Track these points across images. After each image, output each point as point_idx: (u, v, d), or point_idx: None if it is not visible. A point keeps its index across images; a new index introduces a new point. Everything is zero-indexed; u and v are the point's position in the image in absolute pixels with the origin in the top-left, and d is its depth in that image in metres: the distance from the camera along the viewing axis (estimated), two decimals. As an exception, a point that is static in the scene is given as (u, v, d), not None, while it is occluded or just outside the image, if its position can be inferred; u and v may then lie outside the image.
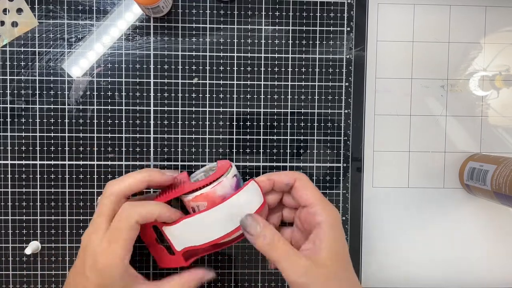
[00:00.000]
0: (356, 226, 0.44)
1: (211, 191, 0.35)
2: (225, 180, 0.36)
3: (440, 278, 0.45)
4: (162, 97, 0.43)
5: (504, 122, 0.45)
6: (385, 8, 0.44)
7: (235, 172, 0.37)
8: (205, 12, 0.42)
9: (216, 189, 0.35)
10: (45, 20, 0.42)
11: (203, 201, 0.35)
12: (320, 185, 0.44)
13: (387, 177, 0.45)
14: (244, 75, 0.43)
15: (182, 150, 0.43)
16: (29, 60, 0.42)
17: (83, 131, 0.42)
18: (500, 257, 0.45)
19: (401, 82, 0.44)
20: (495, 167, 0.39)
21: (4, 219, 0.42)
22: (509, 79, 0.45)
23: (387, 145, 0.44)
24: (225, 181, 0.36)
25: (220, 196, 0.35)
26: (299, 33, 0.43)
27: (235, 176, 0.37)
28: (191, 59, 0.43)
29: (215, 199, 0.35)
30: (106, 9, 0.42)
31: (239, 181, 0.37)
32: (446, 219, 0.45)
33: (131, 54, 0.42)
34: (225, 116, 0.43)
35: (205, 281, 0.37)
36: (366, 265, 0.45)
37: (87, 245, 0.34)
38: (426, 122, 0.45)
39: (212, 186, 0.35)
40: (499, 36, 0.45)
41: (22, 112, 0.42)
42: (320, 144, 0.44)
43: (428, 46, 0.44)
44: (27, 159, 0.42)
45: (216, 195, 0.35)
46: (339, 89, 0.44)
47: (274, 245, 0.33)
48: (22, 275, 0.42)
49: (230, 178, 0.36)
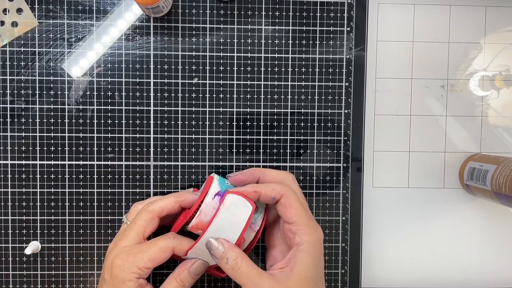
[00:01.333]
0: (356, 226, 0.44)
1: (197, 221, 0.35)
2: (205, 207, 0.35)
3: (440, 278, 0.45)
4: (162, 97, 0.43)
5: (504, 122, 0.45)
6: (385, 8, 0.44)
7: (217, 189, 0.36)
8: (205, 12, 0.42)
9: (201, 218, 0.35)
10: (45, 20, 0.42)
11: (198, 230, 0.36)
12: (320, 185, 0.44)
13: (387, 177, 0.45)
14: (244, 75, 0.43)
15: (182, 150, 0.43)
16: (29, 60, 0.42)
17: (83, 131, 0.42)
18: (500, 257, 0.45)
19: (401, 82, 0.44)
20: (495, 167, 0.40)
21: (4, 219, 0.42)
22: (509, 79, 0.45)
23: (387, 145, 0.44)
24: (206, 207, 0.35)
25: (207, 222, 0.35)
26: (299, 33, 0.43)
27: (217, 194, 0.36)
28: (191, 59, 0.43)
29: (205, 225, 0.35)
30: (106, 9, 0.42)
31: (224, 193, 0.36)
32: (446, 219, 0.45)
33: (131, 54, 0.42)
34: (225, 116, 0.43)
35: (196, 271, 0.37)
36: (366, 265, 0.45)
37: (111, 251, 0.36)
38: (426, 122, 0.45)
39: (196, 217, 0.35)
40: (499, 36, 0.45)
41: (22, 112, 0.42)
42: (320, 144, 0.44)
43: (428, 46, 0.44)
44: (27, 159, 0.42)
45: (204, 222, 0.35)
46: (339, 89, 0.44)
47: (237, 268, 0.33)
48: (22, 275, 0.42)
49: (210, 202, 0.35)
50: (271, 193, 0.36)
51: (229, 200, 0.35)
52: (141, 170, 0.43)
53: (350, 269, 0.44)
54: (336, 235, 0.44)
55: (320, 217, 0.44)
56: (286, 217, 0.35)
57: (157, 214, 0.36)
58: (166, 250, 0.34)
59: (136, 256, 0.34)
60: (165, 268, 0.43)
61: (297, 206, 0.35)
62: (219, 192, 0.36)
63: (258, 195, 0.36)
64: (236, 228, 0.34)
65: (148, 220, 0.36)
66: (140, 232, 0.35)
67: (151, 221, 0.36)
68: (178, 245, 0.35)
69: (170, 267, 0.43)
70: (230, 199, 0.35)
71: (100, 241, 0.43)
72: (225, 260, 0.33)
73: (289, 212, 0.35)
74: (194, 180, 0.43)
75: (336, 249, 0.44)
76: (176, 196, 0.37)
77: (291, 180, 0.38)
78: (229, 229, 0.34)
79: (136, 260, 0.33)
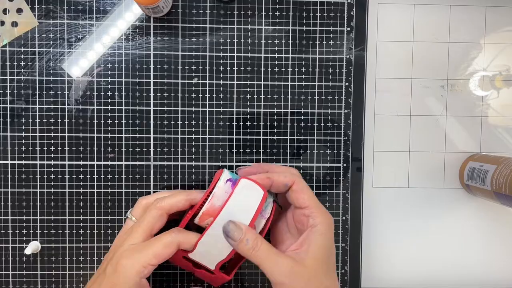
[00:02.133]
0: (356, 226, 0.44)
1: (209, 206, 0.35)
2: (217, 191, 0.35)
3: (440, 278, 0.45)
4: (162, 97, 0.42)
5: (504, 122, 0.45)
6: (385, 8, 0.44)
7: (228, 176, 0.36)
8: (205, 12, 0.42)
9: (213, 202, 0.35)
10: (45, 20, 0.42)
11: (209, 218, 0.35)
12: (320, 185, 0.44)
13: (387, 177, 0.45)
14: (244, 75, 0.43)
15: (182, 150, 0.43)
16: (29, 60, 0.42)
17: (83, 131, 0.42)
18: (500, 257, 0.45)
19: (401, 82, 0.44)
20: (495, 167, 0.40)
21: (4, 219, 0.42)
22: (509, 79, 0.45)
23: (387, 145, 0.44)
24: (218, 191, 0.35)
25: (220, 207, 0.35)
26: (299, 33, 0.43)
27: (229, 180, 0.36)
28: (191, 59, 0.43)
29: (216, 211, 0.35)
30: (106, 9, 0.42)
31: (236, 182, 0.37)
32: (446, 219, 0.45)
33: (131, 54, 0.42)
34: (225, 116, 0.43)
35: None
36: (366, 265, 0.45)
37: (118, 248, 0.35)
38: (426, 122, 0.45)
39: (208, 201, 0.35)
40: (499, 36, 0.45)
41: (22, 112, 0.42)
42: (320, 144, 0.44)
43: (428, 46, 0.44)
44: (27, 159, 0.42)
45: (215, 207, 0.35)
46: (339, 89, 0.44)
47: (257, 248, 0.33)
48: (22, 275, 0.42)
49: (223, 186, 0.36)
50: (283, 180, 0.37)
51: (242, 183, 0.35)
52: (141, 170, 0.43)
53: (350, 269, 0.44)
54: (336, 235, 0.44)
55: (320, 217, 0.44)
56: (299, 202, 0.36)
57: (166, 211, 0.36)
58: (171, 245, 0.34)
59: (141, 253, 0.34)
60: (165, 268, 0.43)
61: (309, 191, 0.37)
62: (231, 179, 0.36)
63: (271, 182, 0.37)
64: (248, 213, 0.35)
65: (157, 217, 0.36)
66: (148, 229, 0.35)
67: (159, 218, 0.36)
68: (184, 239, 0.35)
69: (170, 267, 0.43)
70: (243, 183, 0.35)
71: (100, 241, 0.43)
72: (244, 242, 0.34)
73: (302, 197, 0.36)
74: (194, 180, 0.43)
75: (336, 249, 0.44)
76: (187, 194, 0.37)
77: (297, 173, 0.39)
78: (241, 213, 0.35)
79: (141, 257, 0.33)
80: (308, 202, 0.36)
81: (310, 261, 0.34)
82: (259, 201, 0.35)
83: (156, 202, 0.36)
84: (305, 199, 0.36)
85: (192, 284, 0.43)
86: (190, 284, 0.43)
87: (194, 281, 0.43)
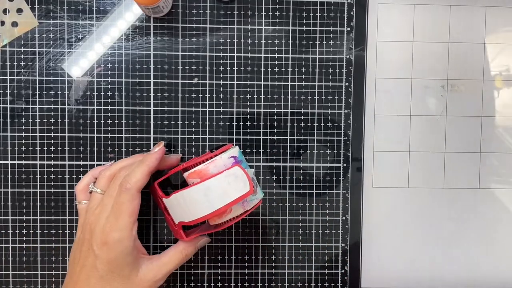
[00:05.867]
0: (356, 226, 0.44)
1: (204, 168, 0.35)
2: (219, 159, 0.35)
3: (440, 278, 0.45)
4: (162, 97, 0.43)
5: (504, 122, 0.45)
6: (385, 8, 0.44)
7: (235, 153, 0.36)
8: (205, 12, 0.42)
9: (209, 167, 0.35)
10: (45, 20, 0.42)
11: (196, 178, 0.36)
12: (320, 185, 0.44)
13: (387, 177, 0.45)
14: (244, 75, 0.43)
15: (182, 150, 0.43)
16: (29, 60, 0.42)
17: (83, 131, 0.42)
18: (500, 257, 0.45)
19: (401, 82, 0.44)
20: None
21: (4, 219, 0.42)
22: (509, 79, 0.45)
23: (387, 145, 0.44)
24: (219, 160, 0.35)
25: (212, 174, 0.35)
26: (299, 33, 0.43)
27: (233, 157, 0.36)
28: (191, 59, 0.43)
29: (207, 176, 0.35)
30: (106, 9, 0.42)
31: (240, 163, 0.36)
32: (446, 219, 0.45)
33: (131, 54, 0.42)
34: (225, 116, 0.43)
35: (200, 245, 0.39)
36: (366, 265, 0.45)
37: (95, 225, 0.35)
38: (426, 122, 0.45)
39: (206, 163, 0.35)
40: (499, 36, 0.45)
41: (22, 112, 0.42)
42: (320, 144, 0.44)
43: (428, 46, 0.44)
44: (27, 159, 0.42)
45: (208, 172, 0.35)
46: (339, 89, 0.44)
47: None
48: (22, 275, 0.42)
49: (226, 158, 0.36)
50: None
51: (235, 170, 0.35)
52: (141, 170, 0.43)
53: (350, 269, 0.44)
54: (336, 235, 0.44)
55: (320, 217, 0.44)
56: None
57: (137, 190, 0.36)
58: (147, 174, 0.36)
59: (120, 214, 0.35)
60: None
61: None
62: (236, 157, 0.36)
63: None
64: (225, 198, 0.34)
65: (131, 200, 0.35)
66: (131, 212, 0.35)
67: (136, 198, 0.36)
68: (153, 166, 0.37)
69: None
70: (235, 170, 0.35)
71: (100, 241, 0.43)
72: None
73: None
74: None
75: (336, 249, 0.44)
76: (146, 165, 0.37)
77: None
78: (219, 194, 0.34)
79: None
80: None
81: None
82: (240, 194, 0.35)
83: (122, 183, 0.36)
84: None
85: (192, 284, 0.43)
86: (190, 284, 0.43)
87: (194, 281, 0.43)
